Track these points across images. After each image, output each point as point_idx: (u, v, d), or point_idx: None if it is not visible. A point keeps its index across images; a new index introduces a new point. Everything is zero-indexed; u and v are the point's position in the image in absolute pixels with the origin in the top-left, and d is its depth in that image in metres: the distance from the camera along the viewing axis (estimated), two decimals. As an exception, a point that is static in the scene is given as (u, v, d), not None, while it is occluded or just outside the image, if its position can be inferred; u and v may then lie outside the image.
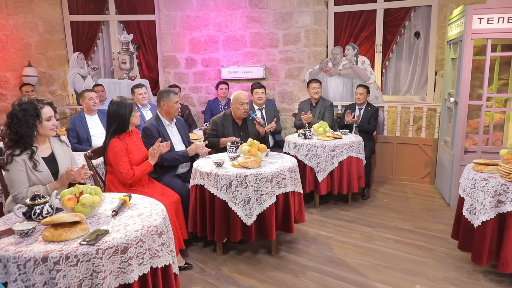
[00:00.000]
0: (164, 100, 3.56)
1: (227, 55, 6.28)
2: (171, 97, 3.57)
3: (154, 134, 3.49)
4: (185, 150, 3.57)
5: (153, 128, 3.50)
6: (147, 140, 3.47)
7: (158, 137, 3.50)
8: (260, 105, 5.00)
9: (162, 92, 3.59)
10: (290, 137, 4.58)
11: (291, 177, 3.18)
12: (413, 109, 5.27)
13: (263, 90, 5.01)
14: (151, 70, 6.67)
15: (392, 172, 5.45)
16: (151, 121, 3.58)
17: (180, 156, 3.52)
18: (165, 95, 3.57)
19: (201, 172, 3.13)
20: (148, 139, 3.47)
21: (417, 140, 5.28)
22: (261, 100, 4.96)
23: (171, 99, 3.56)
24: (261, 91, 4.97)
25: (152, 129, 3.50)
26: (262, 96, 4.96)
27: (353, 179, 4.31)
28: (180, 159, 3.53)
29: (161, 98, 3.57)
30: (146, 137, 3.48)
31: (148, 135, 3.48)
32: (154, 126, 3.52)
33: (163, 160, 3.44)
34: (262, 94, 4.97)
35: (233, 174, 2.96)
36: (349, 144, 4.24)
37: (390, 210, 4.32)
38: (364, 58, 5.60)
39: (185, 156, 3.54)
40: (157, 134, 3.50)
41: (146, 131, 3.49)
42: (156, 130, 3.52)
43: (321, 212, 4.28)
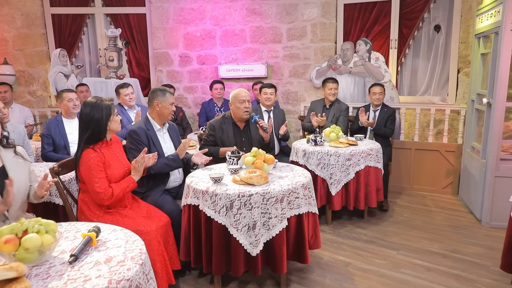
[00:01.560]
0: (158, 100, 3.00)
1: (225, 52, 5.71)
2: (167, 96, 3.02)
3: (142, 139, 2.92)
4: (175, 153, 3.00)
5: (141, 132, 2.93)
6: (134, 146, 2.90)
7: (147, 143, 2.93)
8: (268, 107, 4.43)
9: (157, 90, 3.03)
10: (297, 143, 4.01)
11: (305, 195, 2.61)
12: (434, 112, 4.71)
13: (273, 90, 4.45)
14: (141, 69, 6.08)
15: (409, 181, 4.90)
16: (139, 124, 3.01)
17: (171, 160, 2.96)
18: (160, 94, 3.01)
19: (195, 190, 2.55)
20: (135, 145, 2.90)
21: (438, 145, 4.73)
22: (269, 101, 4.39)
23: (166, 99, 3.01)
24: (270, 91, 4.40)
25: (140, 133, 2.92)
26: (271, 97, 4.40)
27: (371, 192, 3.74)
28: (171, 164, 2.96)
29: (155, 97, 3.01)
30: (132, 143, 2.91)
31: (135, 140, 2.91)
32: (142, 130, 2.95)
33: (150, 168, 2.87)
34: (272, 94, 4.40)
35: (235, 193, 2.38)
36: (366, 152, 3.67)
37: (413, 227, 3.76)
38: (378, 54, 5.04)
39: (176, 160, 2.97)
40: (145, 139, 2.94)
41: (133, 135, 2.92)
42: (145, 134, 2.94)
43: (334, 230, 3.71)
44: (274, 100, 4.43)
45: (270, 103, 4.40)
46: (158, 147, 2.98)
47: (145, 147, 2.69)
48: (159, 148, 2.98)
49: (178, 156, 2.97)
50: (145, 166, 2.61)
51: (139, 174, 2.59)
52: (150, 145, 2.94)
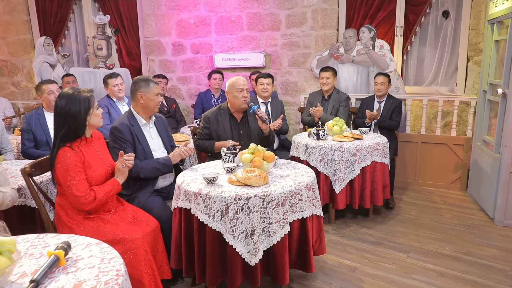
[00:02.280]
0: (141, 91, 2.71)
1: (221, 40, 5.40)
2: (151, 87, 2.72)
3: (125, 136, 2.64)
4: (167, 157, 2.72)
5: (124, 129, 2.65)
6: (117, 145, 2.63)
7: (131, 140, 2.66)
8: (265, 98, 4.15)
9: (139, 80, 2.74)
10: (298, 137, 3.74)
11: (310, 197, 2.35)
12: (442, 103, 4.44)
13: (270, 80, 4.17)
14: (132, 58, 5.77)
15: (415, 176, 4.65)
16: (122, 120, 2.73)
17: (161, 164, 2.68)
18: (143, 84, 2.72)
19: (186, 192, 2.28)
20: (118, 144, 2.63)
21: (445, 139, 4.47)
22: (267, 92, 4.12)
23: (150, 90, 2.72)
24: (267, 81, 4.12)
25: (123, 129, 2.64)
26: (269, 87, 4.12)
27: (377, 189, 3.49)
28: (161, 169, 2.69)
29: (138, 88, 2.72)
30: (115, 141, 2.64)
31: (118, 138, 2.63)
32: (125, 126, 2.67)
33: (139, 171, 2.60)
34: (269, 85, 4.13)
35: (231, 196, 2.12)
36: (373, 147, 3.41)
37: (422, 226, 3.52)
38: (383, 42, 4.76)
39: (167, 164, 2.70)
40: (129, 136, 2.66)
41: (115, 133, 2.64)
42: (128, 131, 2.66)
43: (338, 231, 3.46)
44: (271, 91, 4.16)
45: (267, 94, 4.12)
46: (144, 144, 2.70)
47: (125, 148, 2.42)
48: (146, 146, 2.71)
49: (170, 161, 2.69)
50: (129, 167, 2.33)
51: (124, 176, 2.32)
52: (135, 143, 2.66)
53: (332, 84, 4.35)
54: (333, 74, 4.35)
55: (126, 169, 2.32)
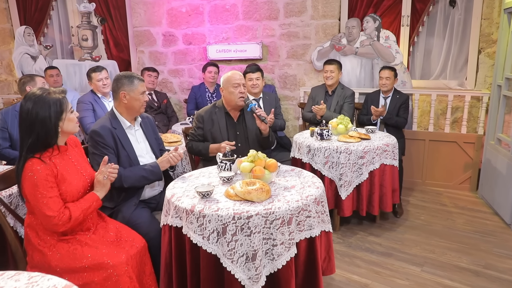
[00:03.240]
0: (124, 90, 2.39)
1: (215, 30, 5.06)
2: (135, 84, 2.40)
3: (107, 141, 2.32)
4: (155, 163, 2.41)
5: (105, 133, 2.33)
6: (97, 151, 2.31)
7: (114, 146, 2.34)
8: (256, 95, 3.83)
9: (121, 77, 2.41)
10: (300, 136, 3.44)
11: (318, 212, 2.06)
12: (452, 98, 4.16)
13: (259, 74, 3.83)
14: (120, 49, 5.40)
15: (421, 176, 4.39)
16: (103, 122, 2.40)
17: (148, 172, 2.37)
18: (126, 81, 2.39)
19: (177, 208, 1.98)
20: (98, 150, 2.31)
21: (455, 136, 4.20)
22: (256, 88, 3.79)
23: (135, 88, 2.39)
24: (256, 75, 3.79)
25: (103, 133, 2.32)
26: (258, 82, 3.79)
27: (386, 194, 3.22)
28: (148, 177, 2.37)
29: (120, 87, 2.40)
30: (94, 147, 2.32)
31: (98, 144, 2.31)
32: (107, 129, 2.34)
33: (122, 180, 2.29)
34: (258, 79, 3.79)
35: (229, 214, 1.82)
36: (382, 148, 3.13)
37: (434, 234, 3.26)
38: (388, 32, 4.44)
39: (154, 172, 2.38)
40: (111, 141, 2.34)
41: (95, 137, 2.32)
42: (110, 135, 2.34)
43: (344, 239, 3.19)
44: (261, 87, 3.83)
45: (258, 90, 3.80)
46: (129, 149, 2.39)
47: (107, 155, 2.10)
48: (131, 151, 2.39)
49: (158, 168, 2.38)
50: (111, 180, 2.02)
51: (105, 189, 2.01)
52: (118, 148, 2.35)
53: (337, 79, 4.05)
54: (338, 67, 4.04)
55: (107, 181, 2.01)
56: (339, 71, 4.05)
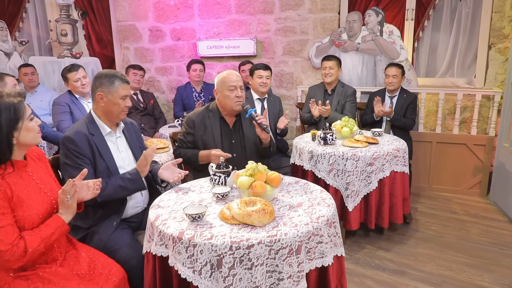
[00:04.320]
0: (102, 90, 2.04)
1: (206, 25, 4.70)
2: (115, 86, 2.05)
3: (82, 150, 1.97)
4: (134, 170, 2.06)
5: (80, 139, 1.98)
6: (70, 161, 1.96)
7: (91, 155, 1.99)
8: (262, 94, 3.50)
9: (101, 75, 2.06)
10: (300, 141, 3.12)
11: (331, 235, 1.73)
12: (461, 97, 3.88)
13: (269, 73, 3.51)
14: (103, 45, 5.02)
15: (428, 181, 4.11)
16: (78, 127, 2.05)
17: (128, 181, 2.01)
18: (106, 81, 2.04)
19: (162, 233, 1.65)
20: (71, 159, 1.96)
21: (464, 138, 3.92)
22: (265, 87, 3.47)
23: (114, 91, 2.04)
24: (266, 73, 3.47)
25: (78, 140, 1.97)
26: (268, 81, 3.48)
27: (397, 204, 2.92)
28: (128, 186, 2.02)
29: (98, 86, 2.05)
30: (67, 156, 1.96)
31: (72, 152, 1.95)
32: (82, 136, 1.99)
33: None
34: (268, 78, 3.48)
35: (225, 244, 1.49)
36: (392, 154, 2.82)
37: (448, 247, 2.97)
38: (392, 27, 4.14)
39: (135, 179, 2.03)
40: (87, 150, 1.99)
41: (68, 145, 1.96)
42: (86, 142, 1.99)
43: (350, 255, 2.88)
44: (269, 86, 3.51)
45: (266, 89, 3.48)
46: (108, 159, 2.04)
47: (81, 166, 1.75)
48: (110, 162, 2.05)
49: (139, 174, 2.03)
50: (80, 199, 1.67)
51: (72, 211, 1.65)
52: (95, 158, 2.00)
53: (336, 76, 3.74)
54: (337, 63, 3.73)
55: (73, 201, 1.66)
56: (339, 67, 3.74)
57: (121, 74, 2.10)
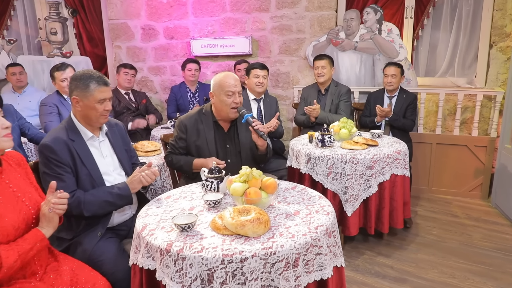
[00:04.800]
0: (77, 94, 1.89)
1: (200, 23, 4.58)
2: (90, 89, 1.87)
3: (61, 158, 1.83)
4: (124, 184, 1.93)
5: (59, 147, 1.84)
6: (48, 170, 1.83)
7: (71, 162, 1.86)
8: (259, 95, 3.38)
9: (76, 77, 1.90)
10: (297, 143, 3.01)
11: (330, 245, 1.62)
12: (462, 97, 3.78)
13: (266, 72, 3.40)
14: (94, 44, 4.89)
15: (428, 183, 4.01)
16: (56, 133, 1.90)
17: (115, 196, 1.89)
18: (80, 84, 1.87)
19: (149, 245, 1.53)
20: (50, 168, 1.82)
21: (465, 139, 3.83)
22: (262, 87, 3.36)
23: (89, 94, 1.87)
24: (263, 73, 3.35)
25: (57, 148, 1.83)
26: (265, 81, 3.36)
27: (397, 209, 2.81)
28: (115, 202, 1.90)
29: (73, 89, 1.90)
30: (46, 165, 1.83)
31: (50, 161, 1.82)
32: (61, 142, 1.86)
33: (82, 207, 1.81)
34: (265, 78, 3.36)
35: (216, 257, 1.38)
36: (393, 156, 2.72)
37: (450, 252, 2.87)
38: (391, 25, 4.04)
39: (123, 195, 1.90)
40: (67, 157, 1.86)
41: (46, 153, 1.83)
42: (66, 150, 1.86)
43: (349, 261, 2.77)
44: (266, 86, 3.40)
45: (263, 89, 3.36)
46: (91, 167, 1.91)
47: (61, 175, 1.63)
48: (93, 169, 1.91)
49: (128, 189, 1.90)
50: (61, 210, 1.55)
51: (54, 225, 1.54)
52: (76, 166, 1.87)
53: (329, 75, 3.63)
54: (329, 62, 3.63)
55: (54, 215, 1.54)
56: (331, 66, 3.64)
57: (99, 75, 1.91)
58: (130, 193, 1.90)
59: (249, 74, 3.36)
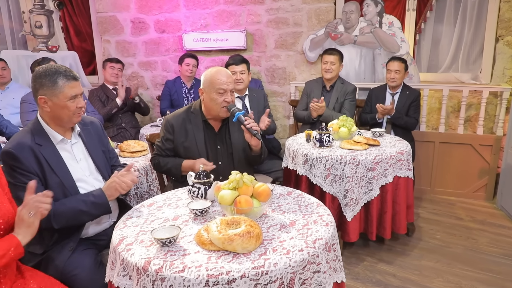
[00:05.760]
0: (43, 93, 1.67)
1: (192, 16, 4.38)
2: (58, 86, 1.66)
3: (26, 166, 1.63)
4: (99, 190, 1.74)
5: (23, 154, 1.63)
6: (14, 180, 1.63)
7: (38, 170, 1.67)
8: (240, 92, 3.16)
9: (39, 75, 1.67)
10: (294, 142, 2.83)
11: (330, 261, 1.45)
12: (466, 94, 3.61)
13: (245, 67, 3.15)
14: (82, 38, 4.69)
15: (430, 183, 3.84)
16: (20, 137, 1.69)
17: (90, 204, 1.69)
18: (46, 82, 1.66)
19: (125, 262, 1.35)
20: (15, 178, 1.63)
21: (470, 138, 3.66)
22: (241, 83, 3.11)
23: (58, 92, 1.66)
24: (240, 68, 3.10)
25: (21, 155, 1.62)
26: (243, 76, 3.11)
27: (400, 213, 2.64)
28: (90, 211, 1.70)
29: (38, 88, 1.67)
30: (10, 174, 1.63)
31: (14, 170, 1.62)
32: (26, 148, 1.65)
33: (51, 219, 1.62)
34: (243, 73, 3.11)
35: (200, 278, 1.20)
36: (396, 157, 2.54)
37: (456, 259, 2.70)
38: (392, 18, 3.86)
39: (99, 203, 1.71)
40: (33, 164, 1.66)
41: (9, 162, 1.63)
42: (31, 156, 1.65)
43: (349, 269, 2.60)
44: (247, 81, 3.16)
45: (243, 86, 3.13)
46: (62, 173, 1.71)
47: (32, 180, 1.44)
48: (65, 176, 1.72)
49: (104, 197, 1.71)
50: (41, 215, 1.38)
51: (32, 231, 1.37)
52: (45, 173, 1.67)
53: (337, 72, 3.44)
54: (339, 58, 3.43)
55: (35, 218, 1.36)
56: (340, 63, 3.45)
57: (65, 69, 1.70)
58: (106, 201, 1.70)
59: None
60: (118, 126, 3.82)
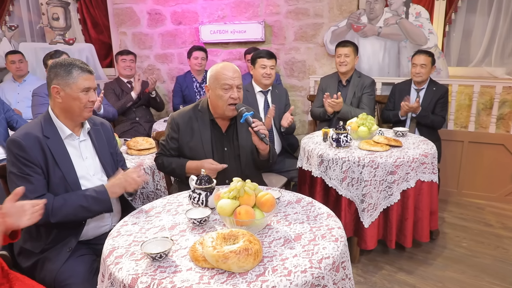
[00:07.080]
0: (57, 83, 1.64)
1: (209, 7, 4.25)
2: (73, 76, 1.64)
3: (31, 156, 1.58)
4: (101, 187, 1.66)
5: (30, 143, 1.59)
6: (16, 170, 1.60)
7: (43, 163, 1.61)
8: (265, 87, 3.03)
9: (56, 65, 1.67)
10: (309, 141, 2.68)
11: (338, 281, 1.30)
12: (500, 90, 3.34)
13: (274, 62, 3.02)
14: (99, 31, 4.64)
15: (457, 185, 3.61)
16: (29, 128, 1.65)
17: (90, 199, 1.62)
18: (62, 72, 1.64)
19: (113, 277, 1.25)
20: (18, 168, 1.58)
21: (502, 137, 3.40)
22: (269, 78, 2.98)
23: (72, 82, 1.64)
24: (270, 63, 2.97)
25: (27, 145, 1.58)
26: (272, 72, 2.98)
27: (422, 220, 2.45)
28: (90, 207, 1.63)
29: (53, 78, 1.66)
30: (13, 164, 1.58)
31: (18, 159, 1.57)
32: (33, 139, 1.61)
33: (49, 213, 1.55)
34: (272, 68, 2.98)
35: (189, 301, 1.08)
36: (419, 160, 2.34)
37: (483, 270, 2.49)
38: (419, 8, 3.61)
39: (100, 199, 1.64)
40: (39, 156, 1.61)
41: (14, 150, 1.58)
42: (38, 148, 1.61)
43: (365, 277, 2.44)
44: (274, 78, 3.04)
45: (270, 81, 3.00)
46: (66, 169, 1.65)
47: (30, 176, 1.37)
48: (69, 171, 1.66)
49: (106, 193, 1.64)
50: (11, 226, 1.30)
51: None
52: (48, 166, 1.62)
53: (352, 65, 3.24)
54: (354, 50, 3.23)
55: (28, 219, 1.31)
56: (355, 55, 3.24)
57: (81, 62, 1.71)
58: (108, 198, 1.63)
59: (254, 63, 3.01)
60: (132, 120, 3.76)
